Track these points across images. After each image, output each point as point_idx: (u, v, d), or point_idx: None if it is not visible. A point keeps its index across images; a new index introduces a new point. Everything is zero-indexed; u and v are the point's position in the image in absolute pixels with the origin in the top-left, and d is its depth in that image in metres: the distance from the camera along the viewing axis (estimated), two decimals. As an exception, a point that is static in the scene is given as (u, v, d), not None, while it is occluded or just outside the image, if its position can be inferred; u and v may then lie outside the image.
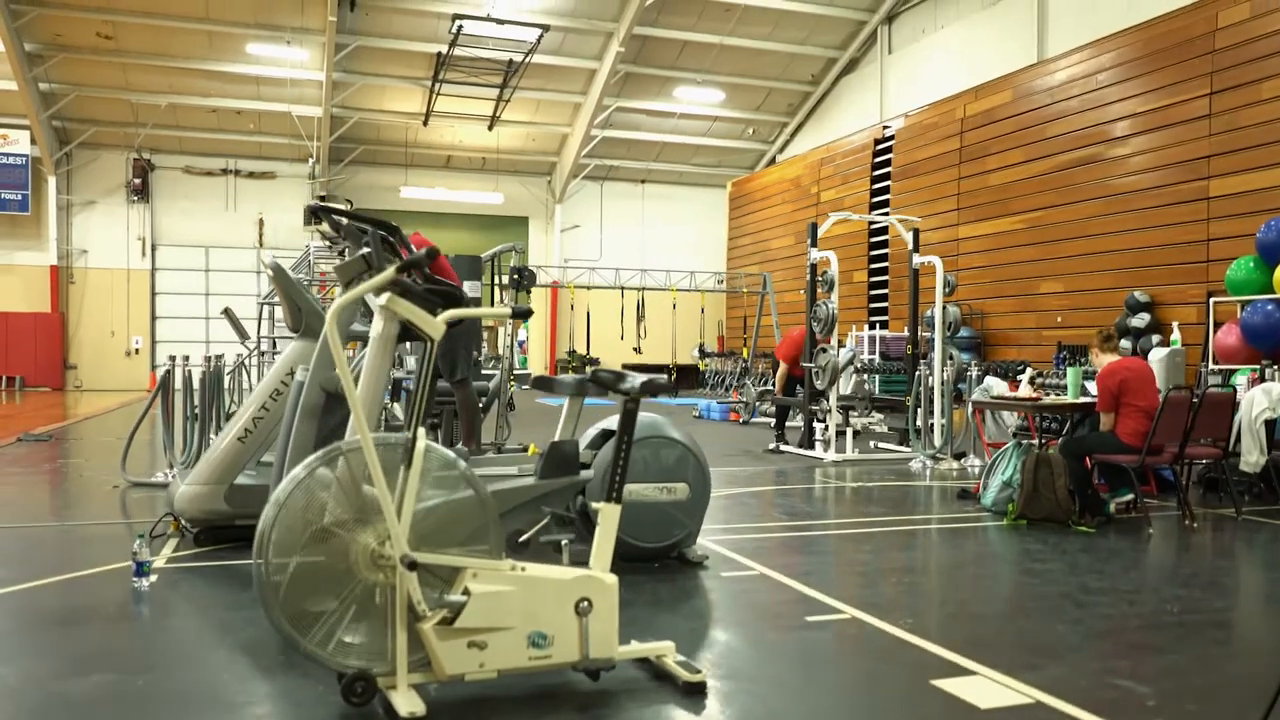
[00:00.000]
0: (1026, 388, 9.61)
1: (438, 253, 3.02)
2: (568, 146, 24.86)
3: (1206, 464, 7.34)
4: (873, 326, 19.16)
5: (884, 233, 19.43)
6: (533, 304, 18.96)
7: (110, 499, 7.05)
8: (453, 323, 3.07)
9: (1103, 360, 6.47)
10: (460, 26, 19.12)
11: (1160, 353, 10.90)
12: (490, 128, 23.75)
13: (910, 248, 10.82)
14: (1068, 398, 7.08)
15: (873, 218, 14.72)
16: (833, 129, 23.23)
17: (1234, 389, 7.00)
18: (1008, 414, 8.47)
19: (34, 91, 20.33)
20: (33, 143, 21.77)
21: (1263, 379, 7.55)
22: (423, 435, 2.99)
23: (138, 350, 23.52)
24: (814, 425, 10.29)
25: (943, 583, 4.93)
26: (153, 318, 23.71)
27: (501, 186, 25.40)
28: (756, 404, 14.57)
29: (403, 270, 2.96)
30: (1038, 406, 6.82)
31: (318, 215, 4.60)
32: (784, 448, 10.47)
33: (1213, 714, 3.06)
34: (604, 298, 23.36)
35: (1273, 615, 4.47)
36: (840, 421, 10.05)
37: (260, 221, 24.08)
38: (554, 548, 3.37)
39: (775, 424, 11.09)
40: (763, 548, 5.56)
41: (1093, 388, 6.67)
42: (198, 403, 7.98)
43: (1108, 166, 14.43)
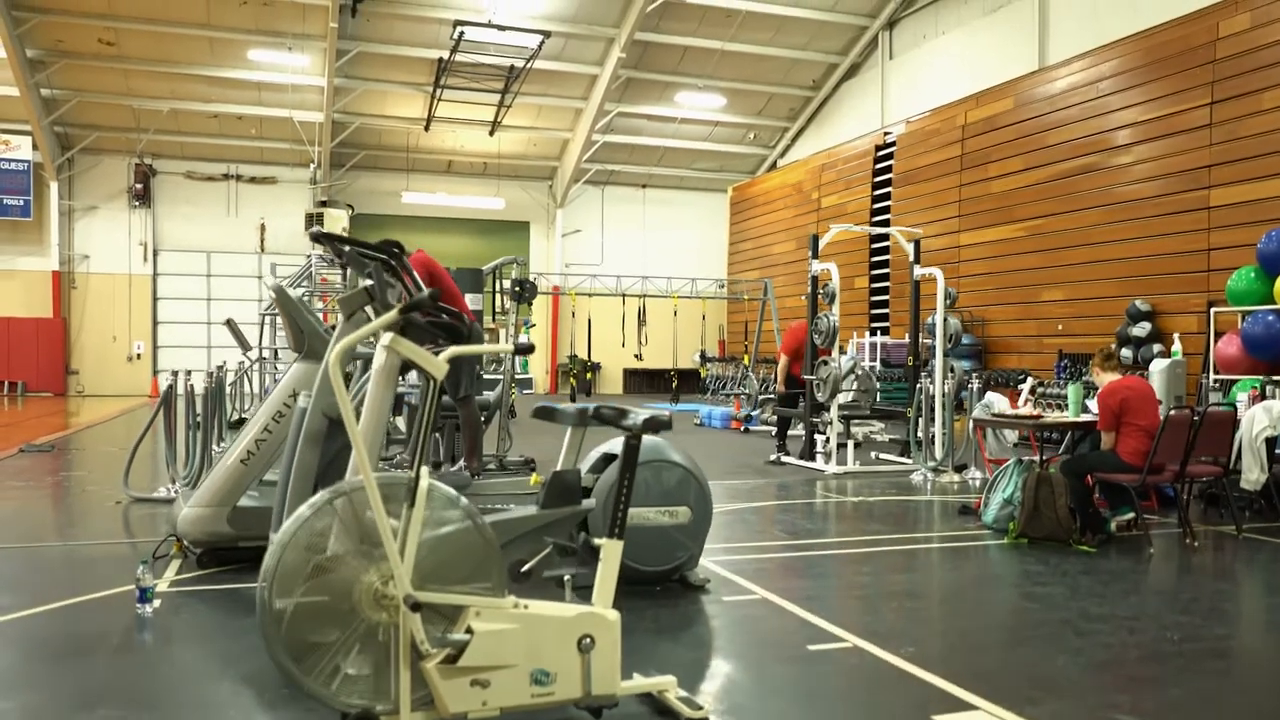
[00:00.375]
0: (1027, 398, 9.67)
1: (440, 294, 3.04)
2: (569, 151, 24.88)
3: (1207, 480, 7.35)
4: (874, 333, 19.16)
5: (886, 239, 19.43)
6: (534, 308, 18.93)
7: (113, 516, 7.07)
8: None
9: (1104, 379, 6.48)
10: (461, 33, 19.14)
11: (1161, 363, 10.89)
12: (491, 133, 23.77)
13: (911, 259, 10.83)
14: (1069, 414, 7.08)
15: (874, 230, 14.70)
16: (834, 134, 23.24)
17: (1234, 407, 7.00)
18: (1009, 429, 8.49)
19: (36, 97, 20.36)
20: (34, 148, 21.78)
21: (1263, 396, 7.55)
22: (425, 475, 3.00)
23: (139, 355, 23.54)
24: (815, 437, 10.29)
25: (943, 608, 4.94)
26: (154, 323, 23.74)
27: (503, 191, 25.42)
28: (757, 411, 14.59)
29: (406, 312, 2.97)
30: (1039, 425, 6.83)
31: (321, 241, 4.62)
32: (785, 459, 10.48)
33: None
34: (605, 303, 23.38)
35: (1274, 644, 4.48)
36: (842, 432, 10.07)
37: (262, 226, 24.10)
38: (556, 583, 3.37)
39: (777, 433, 11.10)
40: (764, 569, 5.57)
41: (1093, 405, 6.68)
42: (200, 410, 8.02)
43: (1109, 175, 14.44)
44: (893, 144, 20.00)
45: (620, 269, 25.81)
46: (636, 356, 22.23)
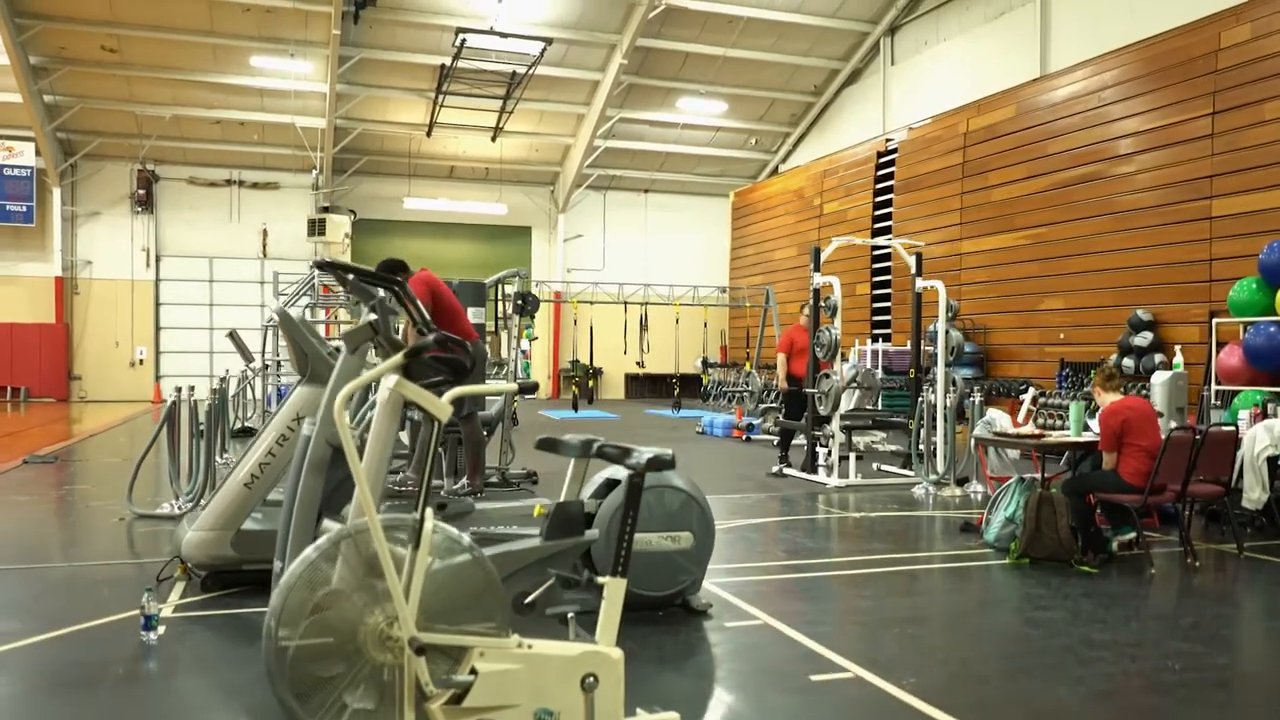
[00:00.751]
0: (1028, 409, 9.67)
1: (445, 339, 3.05)
2: (571, 157, 24.90)
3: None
4: (875, 340, 19.17)
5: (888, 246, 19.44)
6: (535, 315, 18.92)
7: (117, 533, 7.09)
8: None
9: (1105, 399, 6.50)
10: (464, 40, 19.16)
11: (1163, 376, 10.90)
12: (493, 138, 23.79)
13: (913, 272, 10.84)
14: (1070, 433, 7.09)
15: (876, 241, 14.71)
16: (835, 140, 23.25)
17: (1235, 426, 7.01)
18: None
19: (39, 104, 20.41)
20: (38, 155, 21.82)
21: (1265, 415, 7.56)
22: (430, 516, 3.02)
23: (142, 361, 23.57)
24: (817, 450, 10.30)
25: (945, 635, 4.95)
26: (157, 328, 23.77)
27: (505, 197, 25.44)
28: (759, 420, 14.60)
29: (411, 357, 2.99)
30: (1040, 445, 6.84)
31: (324, 270, 4.64)
32: (787, 471, 10.49)
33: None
34: (607, 308, 23.39)
35: (1275, 673, 4.48)
36: (844, 444, 10.07)
37: (264, 232, 24.13)
38: (560, 620, 3.39)
39: (779, 444, 11.11)
40: (765, 592, 5.58)
41: (1095, 424, 6.69)
42: (203, 420, 8.05)
43: (1110, 184, 14.44)
44: (894, 150, 20.00)
45: (622, 273, 25.85)
46: (638, 364, 22.26)
